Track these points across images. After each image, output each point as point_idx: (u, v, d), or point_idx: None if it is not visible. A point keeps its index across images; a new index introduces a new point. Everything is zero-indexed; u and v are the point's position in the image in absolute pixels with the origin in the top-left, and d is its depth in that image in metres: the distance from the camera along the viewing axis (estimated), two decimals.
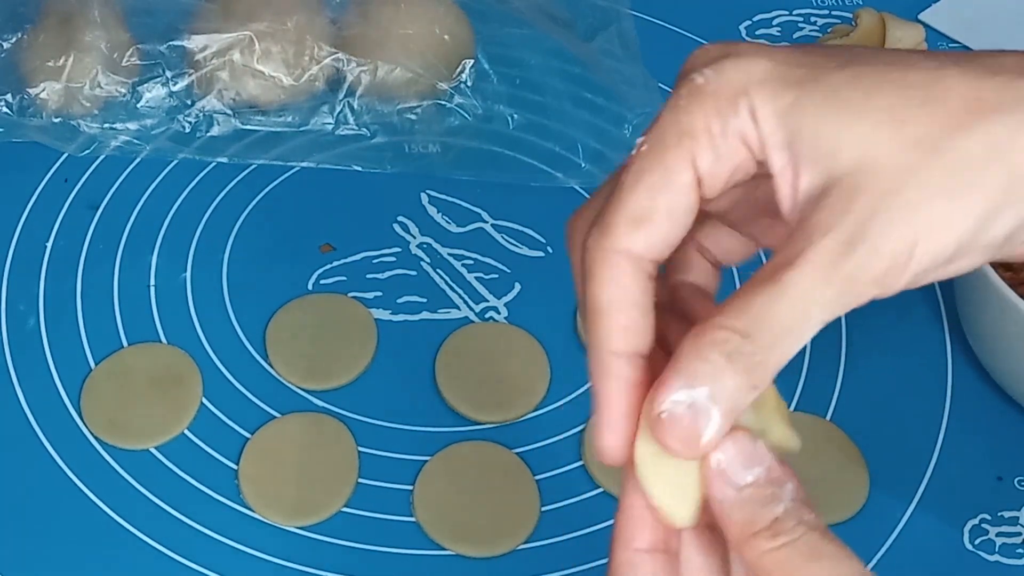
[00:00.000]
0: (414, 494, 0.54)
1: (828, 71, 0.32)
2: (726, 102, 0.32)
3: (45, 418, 0.56)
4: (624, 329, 0.32)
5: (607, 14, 0.73)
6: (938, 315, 0.62)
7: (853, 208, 0.30)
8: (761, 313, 0.30)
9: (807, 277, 0.30)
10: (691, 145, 0.32)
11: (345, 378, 0.58)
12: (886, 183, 0.30)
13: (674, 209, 0.32)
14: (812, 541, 0.31)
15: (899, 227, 0.30)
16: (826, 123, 0.31)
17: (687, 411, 0.31)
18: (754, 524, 0.31)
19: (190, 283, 0.62)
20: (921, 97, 0.31)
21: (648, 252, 0.33)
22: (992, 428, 0.58)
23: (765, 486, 0.31)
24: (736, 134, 0.32)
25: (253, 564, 0.52)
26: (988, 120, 0.31)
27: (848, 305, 0.31)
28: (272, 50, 0.66)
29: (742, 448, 0.32)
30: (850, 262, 0.30)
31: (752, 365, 0.30)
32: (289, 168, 0.67)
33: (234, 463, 0.55)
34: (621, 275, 0.32)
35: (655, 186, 0.32)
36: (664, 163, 0.32)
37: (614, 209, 0.33)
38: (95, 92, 0.66)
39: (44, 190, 0.65)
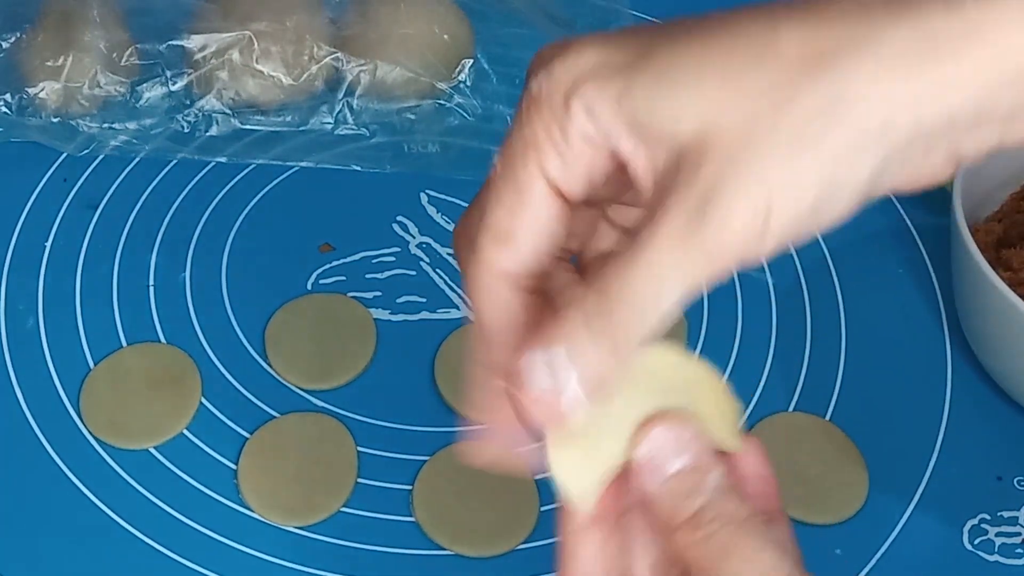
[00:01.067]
0: (413, 494, 0.54)
1: (656, 48, 0.31)
2: (559, 106, 0.31)
3: (44, 418, 0.56)
4: (505, 345, 0.33)
5: (607, 14, 0.73)
6: (938, 315, 0.62)
7: (699, 177, 0.30)
8: (617, 281, 0.30)
9: (658, 247, 0.30)
10: (536, 156, 0.32)
11: (344, 378, 0.58)
12: (730, 149, 0.30)
13: (534, 223, 0.32)
14: (727, 536, 0.31)
15: (748, 192, 0.29)
16: (661, 101, 0.30)
17: (544, 367, 0.30)
18: (676, 516, 0.32)
19: (189, 283, 0.62)
20: (755, 56, 0.30)
21: (518, 268, 0.33)
22: (992, 428, 0.58)
23: (690, 474, 0.32)
24: (577, 135, 0.31)
25: (252, 564, 0.52)
26: (827, 71, 0.29)
27: (709, 276, 0.30)
28: (271, 50, 0.66)
29: (672, 435, 0.32)
30: (702, 231, 0.29)
31: (609, 330, 0.30)
32: (288, 168, 0.67)
33: (233, 463, 0.55)
34: (494, 291, 0.33)
35: (512, 205, 0.32)
36: (516, 180, 0.32)
37: (481, 228, 0.33)
38: (94, 92, 0.66)
39: (43, 190, 0.65)
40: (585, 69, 0.31)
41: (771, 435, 0.57)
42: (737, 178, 0.29)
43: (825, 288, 0.63)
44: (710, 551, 0.31)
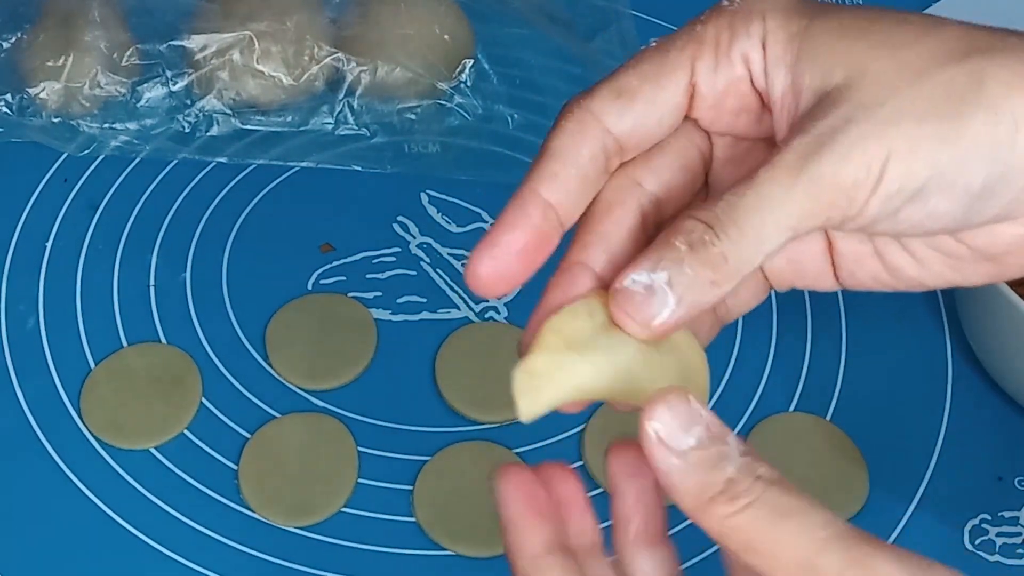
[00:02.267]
0: (414, 494, 0.54)
1: (839, 8, 0.33)
2: (740, 21, 0.33)
3: (45, 418, 0.56)
4: (554, 175, 0.33)
5: (607, 14, 0.73)
6: (938, 315, 0.62)
7: (830, 114, 0.31)
8: (728, 206, 0.31)
9: (775, 177, 0.31)
10: (695, 49, 0.33)
11: (345, 378, 0.58)
12: (868, 95, 0.31)
13: (657, 99, 0.33)
14: (774, 498, 0.29)
15: (871, 139, 0.31)
16: (829, 45, 0.32)
17: (644, 290, 0.31)
18: (707, 489, 0.29)
19: (190, 283, 0.62)
20: (918, 34, 0.32)
21: (616, 126, 0.33)
22: (992, 428, 0.58)
23: (709, 445, 0.30)
24: (740, 52, 0.33)
25: (253, 564, 0.52)
26: (978, 58, 0.32)
27: (816, 215, 0.31)
28: (272, 50, 0.66)
29: (678, 410, 0.30)
30: (818, 162, 0.31)
31: (714, 257, 0.31)
32: (289, 168, 0.67)
33: (234, 463, 0.55)
34: (580, 129, 0.33)
35: (647, 72, 0.33)
36: (665, 57, 0.33)
37: (602, 81, 0.34)
38: (95, 92, 0.66)
39: (44, 190, 0.65)
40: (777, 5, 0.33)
41: (771, 435, 0.57)
42: (861, 127, 0.31)
43: None
44: (758, 518, 0.29)
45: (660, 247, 0.31)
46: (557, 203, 0.33)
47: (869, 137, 0.31)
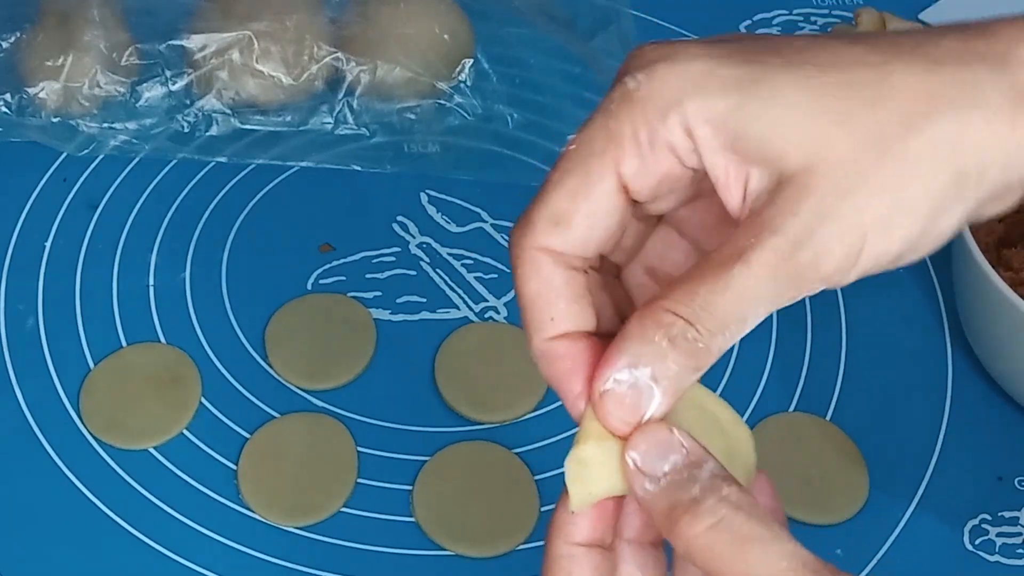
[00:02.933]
0: (413, 494, 0.54)
1: (770, 70, 0.31)
2: (655, 111, 0.31)
3: (44, 418, 0.56)
4: (550, 319, 0.33)
5: (607, 14, 0.73)
6: (938, 315, 0.62)
7: (802, 208, 0.30)
8: (707, 302, 0.31)
9: (754, 273, 0.30)
10: (616, 152, 0.32)
11: (344, 378, 0.58)
12: (835, 184, 0.30)
13: (594, 213, 0.33)
14: (739, 522, 0.30)
15: (847, 229, 0.31)
16: (773, 125, 0.31)
17: (629, 390, 0.31)
18: (674, 510, 0.30)
19: (189, 283, 0.61)
20: (869, 97, 0.31)
21: (568, 251, 0.33)
22: (992, 428, 0.58)
23: (684, 468, 0.31)
24: (664, 144, 0.32)
25: (252, 564, 0.52)
26: (935, 118, 0.31)
27: (794, 298, 0.31)
28: (271, 49, 0.66)
29: (657, 438, 0.31)
30: (797, 261, 0.30)
31: (695, 350, 0.31)
32: (288, 168, 0.67)
33: (233, 463, 0.55)
34: (540, 270, 0.33)
35: (576, 190, 0.32)
36: (587, 168, 0.32)
37: (536, 207, 0.33)
38: (94, 92, 0.66)
39: (43, 190, 0.65)
40: (693, 79, 0.31)
41: (771, 435, 0.57)
42: (839, 214, 0.30)
43: None
44: (721, 540, 0.30)
45: (636, 341, 0.31)
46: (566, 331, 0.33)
47: (844, 231, 0.30)
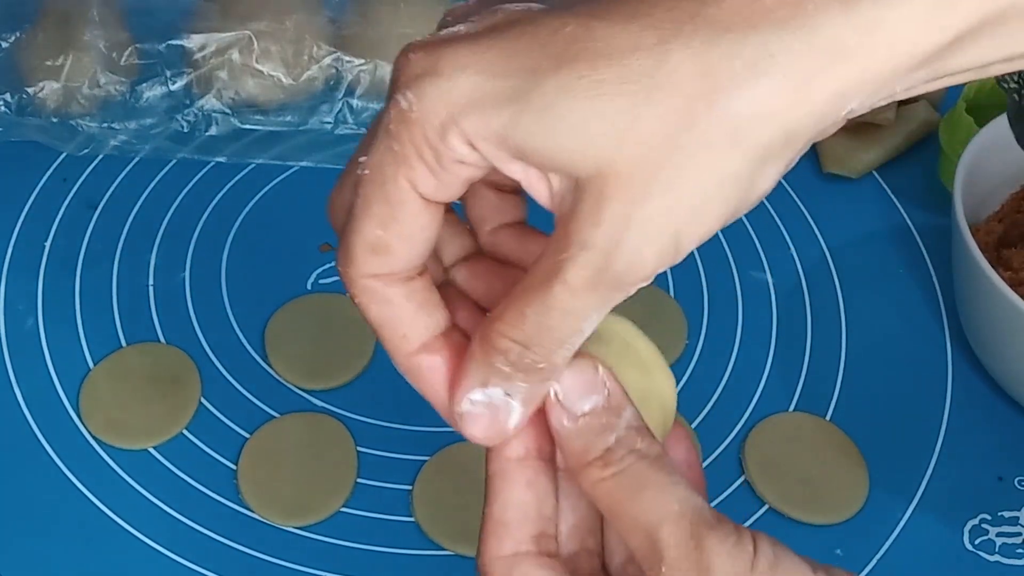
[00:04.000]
0: (413, 494, 0.54)
1: (541, 77, 0.29)
2: (433, 133, 0.30)
3: (44, 418, 0.56)
4: (403, 336, 0.33)
5: None
6: (938, 315, 0.62)
7: (603, 219, 0.29)
8: (536, 325, 0.31)
9: (574, 290, 0.30)
10: (408, 174, 0.31)
11: (344, 378, 0.58)
12: (631, 188, 0.29)
13: (407, 234, 0.32)
14: (641, 470, 0.31)
15: (655, 231, 0.29)
16: (553, 137, 0.29)
17: (485, 409, 0.32)
18: (588, 454, 0.31)
19: (189, 283, 0.61)
20: (646, 87, 0.28)
21: (395, 270, 0.33)
22: (992, 428, 0.58)
23: (601, 415, 0.32)
24: (451, 160, 0.31)
25: (252, 564, 0.52)
26: (718, 99, 0.28)
27: (621, 298, 0.31)
28: (271, 49, 0.66)
29: (583, 377, 0.32)
30: (613, 271, 0.30)
31: (538, 369, 0.31)
32: (288, 167, 0.67)
33: (233, 463, 0.55)
34: (375, 295, 0.33)
35: (383, 217, 0.32)
36: (386, 194, 0.31)
37: (351, 237, 0.32)
38: (94, 91, 0.66)
39: (43, 189, 0.65)
40: (462, 98, 0.30)
41: (771, 435, 0.57)
42: (644, 219, 0.29)
43: (825, 288, 0.63)
44: (621, 486, 0.31)
45: (481, 365, 0.31)
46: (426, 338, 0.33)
47: (653, 231, 0.29)
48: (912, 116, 0.69)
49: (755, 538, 0.30)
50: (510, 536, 0.33)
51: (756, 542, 0.30)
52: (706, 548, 0.29)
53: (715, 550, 0.29)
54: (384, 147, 0.31)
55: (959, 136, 0.63)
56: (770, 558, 0.30)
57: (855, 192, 0.68)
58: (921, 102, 0.69)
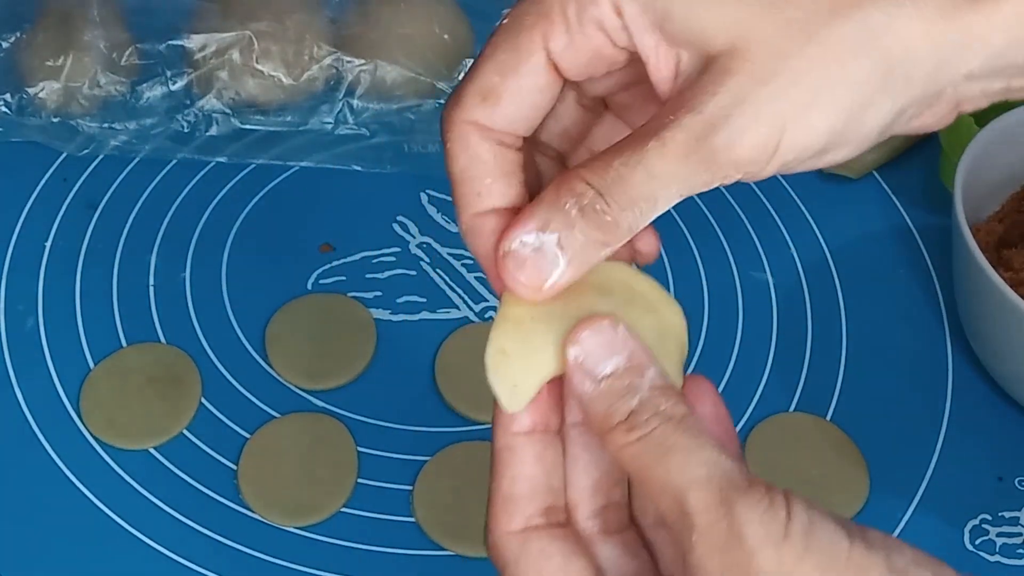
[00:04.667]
0: (413, 494, 0.54)
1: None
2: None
3: (44, 418, 0.56)
4: (477, 194, 0.33)
5: None
6: (938, 315, 0.62)
7: (721, 90, 0.30)
8: (619, 176, 0.30)
9: (668, 151, 0.30)
10: (545, 27, 0.32)
11: (344, 378, 0.58)
12: (757, 68, 0.30)
13: (522, 88, 0.32)
14: (664, 434, 0.30)
15: (765, 116, 0.30)
16: (699, 5, 0.30)
17: (533, 253, 0.31)
18: (612, 418, 0.31)
19: (189, 283, 0.61)
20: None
21: (497, 126, 0.33)
22: (992, 428, 0.58)
23: (623, 376, 0.31)
24: (592, 21, 0.31)
25: (253, 564, 0.52)
26: (864, 6, 0.30)
27: (709, 183, 0.31)
28: (271, 49, 0.66)
29: (602, 338, 0.31)
30: (712, 143, 0.30)
31: (604, 223, 0.31)
32: (288, 168, 0.67)
33: (233, 463, 0.55)
34: (469, 145, 0.33)
35: (505, 65, 0.32)
36: (517, 43, 0.32)
37: (466, 82, 0.33)
38: (94, 91, 0.66)
39: (43, 190, 0.65)
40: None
41: (771, 435, 0.57)
42: (757, 99, 0.30)
43: (825, 288, 0.63)
44: (647, 450, 0.30)
45: (548, 207, 0.31)
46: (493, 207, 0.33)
47: (762, 116, 0.30)
48: None
49: (788, 501, 0.29)
50: (520, 511, 0.33)
51: (790, 506, 0.29)
52: (737, 514, 0.28)
53: (746, 516, 0.28)
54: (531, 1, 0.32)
55: (959, 136, 0.63)
56: (804, 523, 0.28)
57: (855, 192, 0.68)
58: None
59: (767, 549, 0.28)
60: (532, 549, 0.32)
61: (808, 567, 0.28)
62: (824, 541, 0.28)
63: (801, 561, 0.28)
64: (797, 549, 0.28)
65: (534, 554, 0.32)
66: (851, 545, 0.28)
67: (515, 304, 0.32)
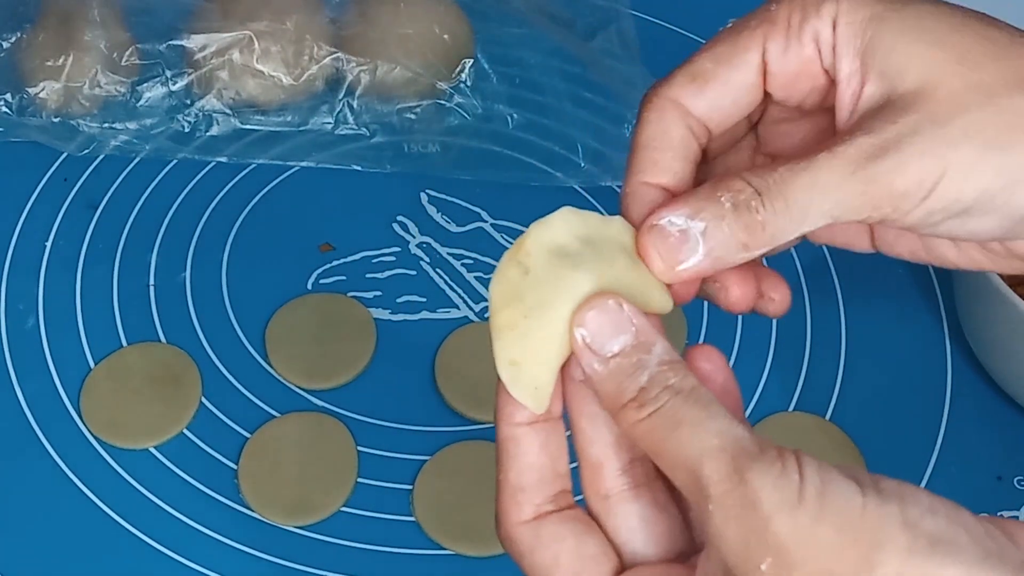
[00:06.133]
0: (413, 493, 0.54)
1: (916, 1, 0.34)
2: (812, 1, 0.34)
3: (45, 418, 0.56)
4: (654, 163, 0.34)
5: (607, 14, 0.73)
6: (938, 315, 0.62)
7: (899, 120, 0.32)
8: (781, 179, 0.32)
9: (835, 163, 0.31)
10: (767, 29, 0.34)
11: (344, 378, 0.58)
12: (937, 110, 0.32)
13: (732, 80, 0.34)
14: (677, 407, 0.30)
15: (932, 154, 0.32)
16: (903, 43, 0.33)
17: (678, 233, 0.32)
18: (622, 396, 0.31)
19: (189, 282, 0.62)
20: (996, 52, 0.32)
21: (697, 110, 0.34)
22: (992, 428, 0.58)
23: (631, 354, 0.31)
24: (811, 32, 0.34)
25: (253, 564, 0.52)
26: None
27: (859, 211, 0.32)
28: (271, 49, 0.66)
29: (607, 317, 0.32)
30: (877, 165, 0.31)
31: (752, 222, 0.32)
32: (289, 168, 0.67)
33: (234, 463, 0.55)
34: (663, 117, 0.34)
35: (721, 55, 0.34)
36: (737, 39, 0.34)
37: (680, 67, 0.35)
38: (94, 91, 0.66)
39: (43, 190, 0.65)
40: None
41: (771, 435, 0.56)
42: (931, 138, 0.32)
43: (825, 288, 0.63)
44: (659, 425, 0.30)
45: (703, 197, 0.32)
46: (661, 181, 0.34)
47: (929, 153, 0.32)
48: None
49: (800, 463, 0.29)
50: (529, 501, 0.33)
51: (801, 468, 0.29)
52: (750, 481, 0.28)
53: (760, 482, 0.28)
54: (760, 10, 0.35)
55: None
56: (817, 484, 0.28)
57: None
58: None
59: (782, 514, 0.28)
60: (545, 535, 0.33)
61: (823, 529, 0.28)
62: (838, 501, 0.28)
63: (816, 523, 0.28)
64: (811, 512, 0.28)
65: (547, 540, 0.33)
66: (864, 500, 0.28)
67: (502, 309, 0.32)
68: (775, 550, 0.28)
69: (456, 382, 0.58)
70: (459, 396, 0.57)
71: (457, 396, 0.57)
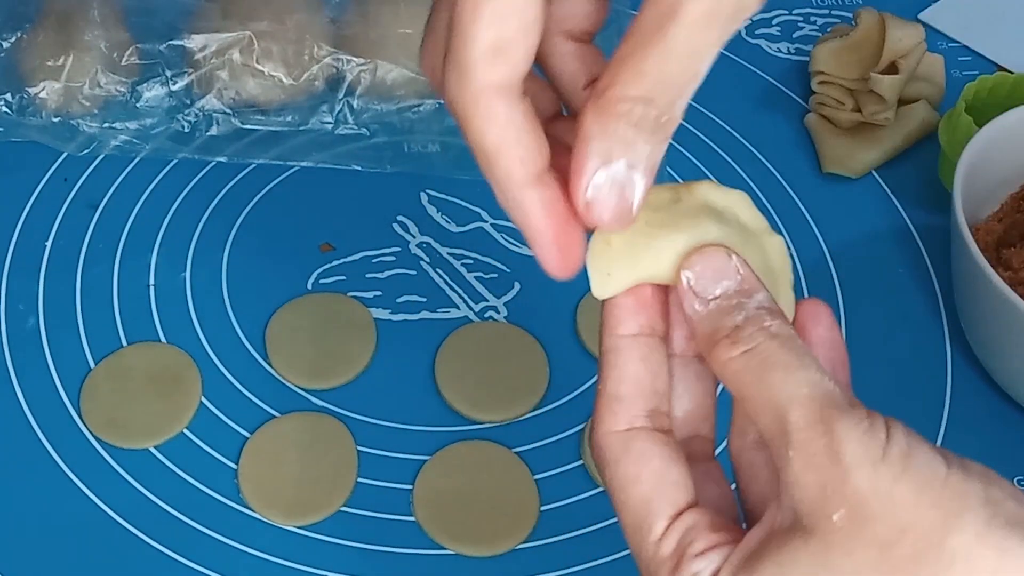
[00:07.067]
0: (413, 493, 0.54)
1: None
2: None
3: (45, 417, 0.56)
4: (520, 161, 0.31)
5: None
6: (938, 315, 0.62)
7: None
8: (656, 76, 0.29)
9: (693, 27, 0.29)
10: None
11: (344, 378, 0.58)
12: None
13: (526, 24, 0.30)
14: (771, 349, 0.30)
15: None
16: None
17: (612, 189, 0.30)
18: (717, 333, 0.31)
19: (190, 282, 0.62)
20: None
21: (516, 77, 0.30)
22: (992, 428, 0.58)
23: (732, 297, 0.31)
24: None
25: (253, 564, 0.52)
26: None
27: (733, 31, 0.30)
28: (272, 49, 0.66)
29: (716, 263, 0.32)
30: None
31: (660, 124, 0.30)
32: (288, 168, 0.67)
33: (234, 463, 0.55)
34: (495, 112, 0.30)
35: (499, 13, 0.29)
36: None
37: (463, 45, 0.29)
38: (94, 91, 0.66)
39: (44, 189, 0.65)
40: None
41: None
42: None
43: (825, 288, 0.63)
44: (750, 365, 0.30)
45: (600, 139, 0.30)
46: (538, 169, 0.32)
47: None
48: (912, 116, 0.69)
49: (888, 425, 0.29)
50: (625, 411, 0.33)
51: (889, 429, 0.29)
52: (836, 432, 0.28)
53: (846, 435, 0.28)
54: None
55: (959, 136, 0.63)
56: (903, 447, 0.28)
57: (855, 192, 0.68)
58: (921, 102, 0.69)
59: (863, 468, 0.28)
60: (633, 449, 0.32)
61: (903, 488, 0.28)
62: (922, 465, 0.28)
63: (897, 482, 0.28)
64: (894, 470, 0.28)
65: (635, 455, 0.32)
66: (949, 472, 0.28)
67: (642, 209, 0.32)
68: (851, 502, 0.28)
69: (456, 382, 0.58)
70: (459, 396, 0.57)
71: (457, 396, 0.57)
